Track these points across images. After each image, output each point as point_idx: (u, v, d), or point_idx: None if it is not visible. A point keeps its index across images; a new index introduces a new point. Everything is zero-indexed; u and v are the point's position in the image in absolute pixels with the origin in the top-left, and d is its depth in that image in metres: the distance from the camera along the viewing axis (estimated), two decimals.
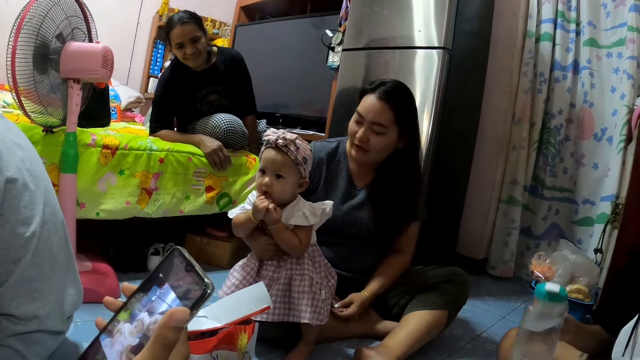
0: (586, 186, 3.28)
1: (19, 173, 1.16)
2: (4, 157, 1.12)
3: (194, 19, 2.83)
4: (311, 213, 1.78)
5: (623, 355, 1.26)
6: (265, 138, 1.76)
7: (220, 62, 3.05)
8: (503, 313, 2.75)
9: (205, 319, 1.53)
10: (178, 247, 0.68)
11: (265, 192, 1.75)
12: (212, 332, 1.40)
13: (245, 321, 1.50)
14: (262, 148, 1.79)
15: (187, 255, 0.67)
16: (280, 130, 1.78)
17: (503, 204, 3.50)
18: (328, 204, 1.83)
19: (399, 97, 2.05)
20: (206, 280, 0.63)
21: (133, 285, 0.73)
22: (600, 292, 2.54)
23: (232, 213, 1.88)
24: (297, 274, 1.77)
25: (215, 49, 3.10)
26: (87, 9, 2.30)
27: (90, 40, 2.32)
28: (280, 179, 1.74)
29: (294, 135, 1.76)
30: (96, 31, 2.35)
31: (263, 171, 1.77)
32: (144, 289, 0.68)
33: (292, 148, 1.72)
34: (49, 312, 1.27)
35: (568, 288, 2.41)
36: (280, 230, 1.74)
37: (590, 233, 3.13)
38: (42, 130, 2.19)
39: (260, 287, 1.58)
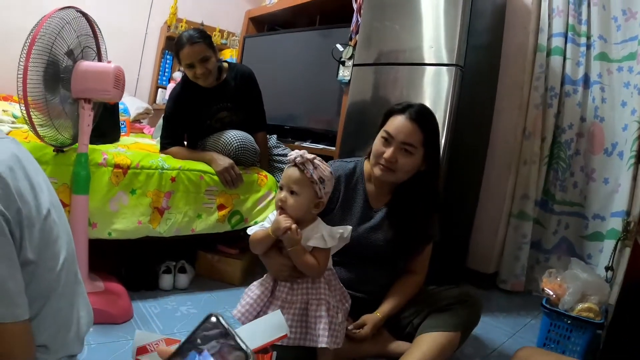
0: (596, 201, 3.26)
1: (49, 207, 1.16)
2: (38, 194, 1.13)
3: (203, 38, 2.82)
4: (330, 236, 1.78)
5: None
6: (288, 157, 1.79)
7: (231, 78, 3.04)
8: (514, 329, 2.74)
9: None
10: (214, 313, 0.68)
11: (280, 208, 1.78)
12: None
13: (263, 350, 1.50)
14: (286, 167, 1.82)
15: (223, 321, 0.67)
16: (303, 150, 1.79)
17: (514, 219, 3.48)
18: (347, 229, 1.83)
19: (428, 119, 2.05)
20: (245, 347, 0.63)
21: (169, 349, 0.73)
22: (610, 309, 2.53)
23: (251, 230, 1.89)
24: (313, 299, 1.78)
25: (225, 64, 3.09)
26: (97, 27, 2.30)
27: (100, 59, 2.32)
28: (294, 195, 1.76)
29: (313, 155, 1.77)
30: (106, 49, 2.35)
31: (282, 187, 1.80)
32: (182, 354, 0.68)
33: (310, 167, 1.74)
34: (72, 338, 1.27)
35: (579, 307, 2.39)
36: (299, 252, 1.75)
37: (600, 248, 3.11)
38: (53, 150, 2.19)
39: (277, 315, 1.57)
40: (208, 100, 2.97)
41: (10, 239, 1.01)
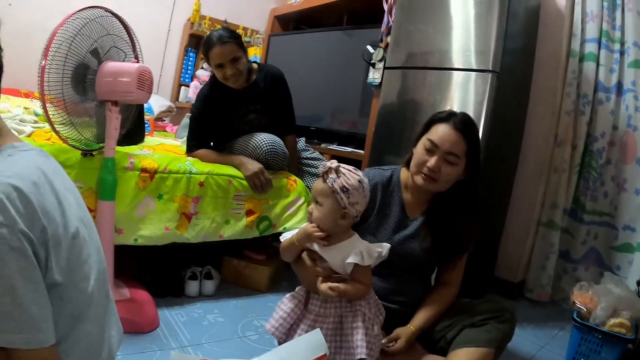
0: (627, 212, 3.21)
1: (79, 226, 1.12)
2: (65, 211, 1.08)
3: (234, 38, 2.77)
4: (368, 254, 1.74)
5: None
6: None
7: (261, 80, 2.99)
8: (542, 341, 2.71)
9: None
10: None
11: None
12: None
13: None
14: None
15: None
16: (334, 160, 1.77)
17: (542, 227, 3.43)
18: (385, 247, 1.79)
19: (472, 128, 2.01)
20: None
21: None
22: None
23: (284, 237, 1.87)
24: (348, 311, 1.74)
25: (255, 65, 3.04)
26: (130, 28, 2.26)
27: (138, 60, 2.28)
28: (317, 205, 1.74)
29: (337, 164, 1.74)
30: (140, 50, 2.31)
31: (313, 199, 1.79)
32: None
33: (332, 175, 1.70)
34: (104, 359, 1.24)
35: (611, 322, 2.36)
36: (348, 290, 1.71)
37: (629, 260, 3.07)
38: (82, 154, 2.16)
39: (316, 335, 1.54)
40: (237, 102, 2.93)
41: (35, 261, 0.96)
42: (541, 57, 3.36)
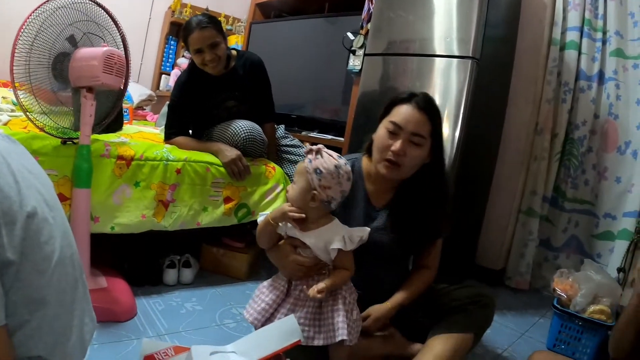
0: (608, 200, 3.22)
1: (38, 206, 1.09)
2: (22, 190, 1.05)
3: (213, 23, 2.74)
4: (349, 239, 1.74)
5: None
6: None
7: (240, 66, 2.96)
8: (522, 329, 2.72)
9: (235, 355, 1.48)
10: None
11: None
12: None
13: (276, 357, 1.46)
14: None
15: None
16: (320, 145, 1.77)
17: (522, 215, 3.45)
18: (365, 230, 1.78)
19: (435, 108, 1.95)
20: None
21: None
22: (622, 311, 2.50)
23: (260, 217, 1.85)
24: (327, 296, 1.72)
25: (234, 52, 3.02)
26: (110, 14, 2.21)
27: (126, 49, 2.21)
28: (293, 184, 1.77)
29: (320, 146, 1.75)
30: (122, 37, 2.25)
31: None
32: None
33: (310, 156, 1.72)
34: (72, 347, 1.21)
35: (591, 308, 2.37)
36: (335, 282, 1.73)
37: (610, 247, 3.08)
38: (62, 142, 2.13)
39: (290, 320, 1.53)
40: (215, 88, 2.90)
41: None
42: (522, 45, 3.35)
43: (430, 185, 1.99)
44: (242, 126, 2.79)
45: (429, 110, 1.90)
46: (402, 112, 1.90)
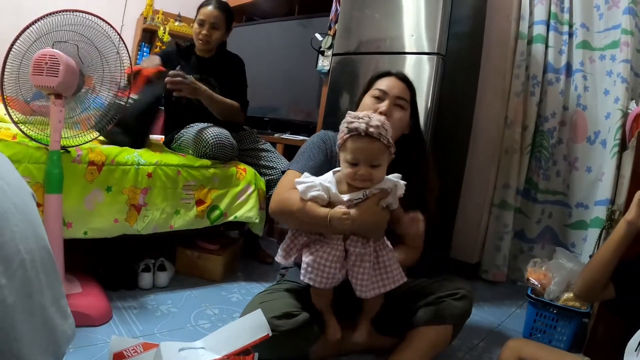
0: (579, 190, 3.26)
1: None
2: None
3: (227, 12, 3.05)
4: (398, 181, 1.76)
5: (636, 350, 1.30)
6: (351, 126, 1.69)
7: (222, 57, 3.13)
8: (499, 320, 2.74)
9: (203, 351, 1.49)
10: None
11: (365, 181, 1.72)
12: None
13: (245, 351, 1.47)
14: (345, 136, 1.71)
15: None
16: (362, 113, 1.74)
17: (496, 208, 3.47)
18: (397, 175, 1.79)
19: (411, 82, 2.08)
20: None
21: None
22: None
23: (301, 186, 1.76)
24: (381, 247, 1.77)
25: (225, 49, 3.22)
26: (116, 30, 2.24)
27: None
28: (376, 168, 1.70)
29: (378, 116, 1.75)
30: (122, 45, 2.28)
31: (356, 163, 1.70)
32: None
33: (383, 132, 1.69)
34: (42, 355, 1.20)
35: (565, 296, 2.40)
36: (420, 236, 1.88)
37: (583, 237, 3.12)
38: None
39: (258, 315, 1.54)
40: (193, 67, 3.02)
41: None
42: (490, 40, 3.38)
43: (412, 156, 2.06)
44: (211, 133, 2.79)
45: (408, 82, 2.06)
46: (386, 81, 2.04)
